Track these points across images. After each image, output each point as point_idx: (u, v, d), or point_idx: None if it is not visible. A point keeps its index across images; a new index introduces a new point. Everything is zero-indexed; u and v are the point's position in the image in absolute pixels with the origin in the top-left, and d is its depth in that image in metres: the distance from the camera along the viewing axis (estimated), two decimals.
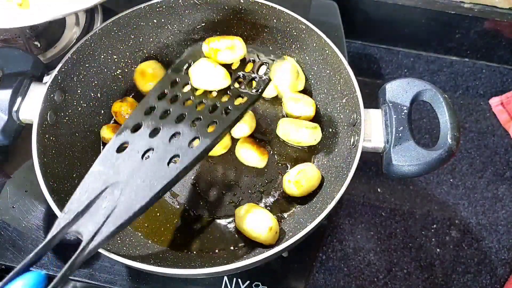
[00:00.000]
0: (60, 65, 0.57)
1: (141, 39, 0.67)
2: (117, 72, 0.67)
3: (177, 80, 0.55)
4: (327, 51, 0.61)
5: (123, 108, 0.64)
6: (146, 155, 0.47)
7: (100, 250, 0.47)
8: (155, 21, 0.66)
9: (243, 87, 0.57)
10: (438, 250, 0.70)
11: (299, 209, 0.61)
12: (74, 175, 0.58)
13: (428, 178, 0.76)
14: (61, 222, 0.41)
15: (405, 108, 0.54)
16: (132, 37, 0.66)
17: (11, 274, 0.37)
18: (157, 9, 0.65)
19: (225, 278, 0.60)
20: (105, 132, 0.63)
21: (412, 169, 0.51)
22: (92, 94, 0.64)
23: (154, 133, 0.48)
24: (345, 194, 0.50)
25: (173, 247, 0.58)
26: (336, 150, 0.61)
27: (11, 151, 0.70)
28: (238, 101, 0.54)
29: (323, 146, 0.64)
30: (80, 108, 0.62)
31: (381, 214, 0.72)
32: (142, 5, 0.63)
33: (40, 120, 0.54)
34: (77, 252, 0.40)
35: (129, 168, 0.45)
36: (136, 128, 0.49)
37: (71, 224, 0.42)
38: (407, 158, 0.51)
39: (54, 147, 0.56)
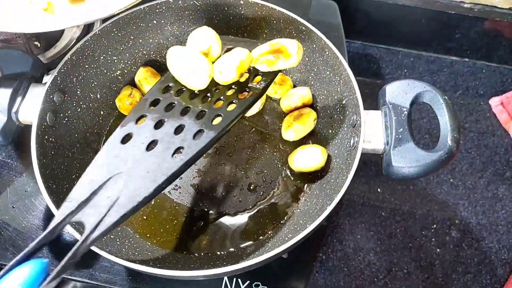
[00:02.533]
0: (59, 66, 0.57)
1: (140, 40, 0.67)
2: (117, 73, 0.67)
3: None
4: (327, 52, 0.61)
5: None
6: (150, 147, 0.46)
7: (101, 252, 0.47)
8: (155, 22, 0.66)
9: (248, 81, 0.55)
10: (438, 250, 0.70)
11: (298, 210, 0.61)
12: (73, 177, 0.58)
13: (428, 178, 0.76)
14: (64, 211, 0.41)
15: (405, 109, 0.53)
16: (132, 38, 0.66)
17: (11, 263, 0.36)
18: (157, 10, 0.65)
19: (225, 278, 0.60)
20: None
21: (412, 170, 0.51)
22: (92, 95, 0.64)
23: (158, 125, 0.48)
24: (345, 194, 0.50)
25: (172, 248, 0.59)
26: (336, 151, 0.61)
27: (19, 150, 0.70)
28: (243, 95, 0.53)
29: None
30: (79, 109, 0.62)
31: (381, 214, 0.72)
32: (142, 6, 0.63)
33: (39, 121, 0.54)
34: (79, 241, 0.39)
35: (133, 159, 0.45)
36: (140, 119, 0.48)
37: (74, 214, 0.41)
38: (407, 160, 0.51)
39: (53, 148, 0.56)
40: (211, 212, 0.61)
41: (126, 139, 0.47)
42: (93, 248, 0.47)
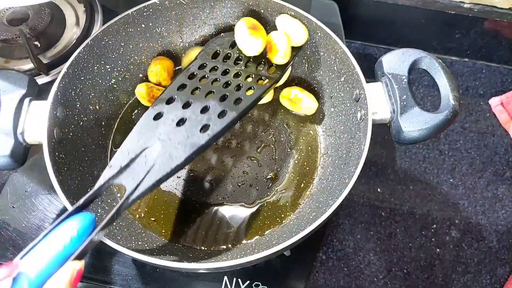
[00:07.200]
0: (58, 80, 0.56)
1: (131, 46, 0.67)
2: (112, 82, 0.67)
3: (205, 64, 0.60)
4: (319, 34, 0.62)
5: None
6: (180, 123, 0.52)
7: (107, 242, 0.47)
8: (143, 25, 0.66)
9: (264, 71, 0.61)
10: (438, 250, 0.70)
11: (315, 189, 0.62)
12: (88, 190, 0.58)
13: (428, 178, 0.76)
14: (106, 175, 0.46)
15: (404, 77, 0.55)
16: (122, 44, 0.65)
17: (63, 215, 0.40)
18: (145, 13, 0.65)
19: (225, 278, 0.60)
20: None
21: (422, 133, 0.53)
22: (91, 107, 0.64)
23: (186, 106, 0.54)
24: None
25: (175, 241, 0.59)
26: (342, 128, 0.62)
27: None
28: (260, 82, 0.59)
29: (327, 127, 0.65)
30: (81, 123, 0.62)
31: (381, 214, 0.72)
32: (130, 11, 0.63)
33: (48, 138, 0.53)
34: (122, 200, 0.45)
35: (165, 132, 0.51)
36: (170, 101, 0.54)
37: (115, 178, 0.47)
38: (416, 124, 0.53)
39: (65, 164, 0.55)
40: (226, 205, 0.62)
41: (157, 117, 0.52)
42: (114, 245, 0.47)
